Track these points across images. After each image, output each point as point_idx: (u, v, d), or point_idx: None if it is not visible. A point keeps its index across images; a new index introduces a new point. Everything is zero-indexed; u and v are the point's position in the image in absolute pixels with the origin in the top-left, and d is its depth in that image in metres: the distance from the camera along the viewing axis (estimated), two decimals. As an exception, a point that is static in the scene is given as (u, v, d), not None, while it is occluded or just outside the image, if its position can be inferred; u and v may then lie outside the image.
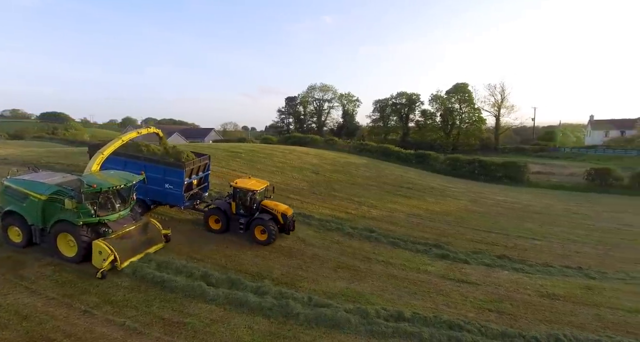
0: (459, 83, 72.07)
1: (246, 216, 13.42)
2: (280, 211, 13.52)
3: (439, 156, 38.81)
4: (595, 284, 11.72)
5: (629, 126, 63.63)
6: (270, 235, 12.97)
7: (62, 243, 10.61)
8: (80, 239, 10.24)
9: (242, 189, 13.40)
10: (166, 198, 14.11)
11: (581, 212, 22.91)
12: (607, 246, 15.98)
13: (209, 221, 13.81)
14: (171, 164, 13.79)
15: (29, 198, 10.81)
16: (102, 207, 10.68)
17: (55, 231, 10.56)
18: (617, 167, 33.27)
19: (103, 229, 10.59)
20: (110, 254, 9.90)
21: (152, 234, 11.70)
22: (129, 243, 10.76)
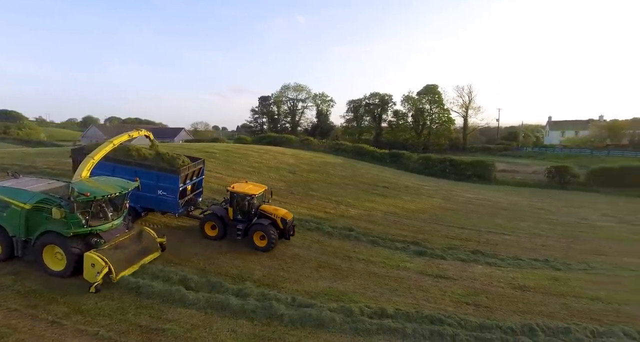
0: (429, 84, 74.45)
1: (244, 222, 12.90)
2: (280, 216, 13.06)
3: (412, 156, 39.87)
4: (561, 275, 12.45)
5: (582, 127, 68.29)
6: (270, 241, 12.49)
7: (49, 256, 9.71)
8: (70, 251, 9.42)
9: (239, 194, 12.89)
10: (160, 205, 13.32)
11: (544, 207, 24.28)
12: (568, 239, 17.03)
13: (205, 227, 13.19)
14: (165, 170, 12.97)
15: (11, 207, 9.85)
16: (94, 217, 9.90)
17: (41, 243, 9.66)
18: (574, 165, 35.59)
19: (95, 239, 9.81)
20: (104, 266, 9.16)
21: (147, 243, 10.98)
22: (124, 253, 10.03)
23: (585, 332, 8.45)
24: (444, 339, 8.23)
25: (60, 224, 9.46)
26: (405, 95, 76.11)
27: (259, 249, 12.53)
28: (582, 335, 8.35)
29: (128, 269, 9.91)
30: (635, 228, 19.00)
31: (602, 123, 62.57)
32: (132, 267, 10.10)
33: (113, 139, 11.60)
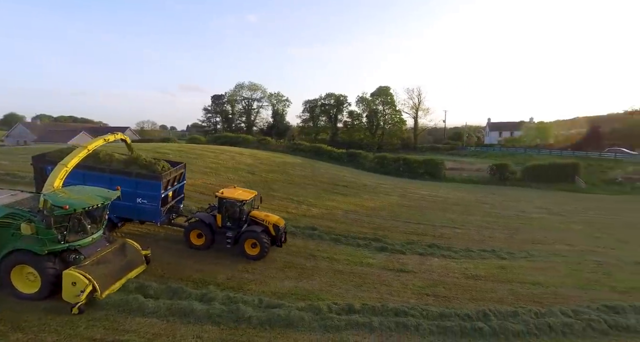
0: (382, 86, 77.24)
1: (234, 229, 12.28)
2: (272, 222, 12.58)
3: (369, 155, 41.10)
4: (507, 264, 13.59)
5: (517, 128, 75.20)
6: (263, 248, 12.01)
7: (18, 278, 8.54)
8: (46, 271, 8.34)
9: (229, 200, 12.22)
10: (139, 214, 12.28)
11: (488, 202, 26.34)
12: (510, 230, 18.64)
13: (191, 236, 12.40)
14: (145, 176, 11.92)
15: None
16: (72, 231, 8.88)
17: (9, 264, 8.46)
18: (511, 163, 39.06)
19: (73, 256, 8.82)
20: (87, 284, 8.25)
21: (131, 256, 10.08)
22: (107, 269, 9.11)
23: (530, 315, 9.31)
24: (408, 329, 8.59)
25: (32, 241, 8.41)
26: (360, 97, 78.20)
27: (251, 258, 12.00)
28: (527, 317, 9.19)
29: (113, 286, 9.05)
30: (563, 218, 21.33)
31: (532, 124, 69.36)
32: (118, 282, 9.24)
33: (86, 144, 10.31)
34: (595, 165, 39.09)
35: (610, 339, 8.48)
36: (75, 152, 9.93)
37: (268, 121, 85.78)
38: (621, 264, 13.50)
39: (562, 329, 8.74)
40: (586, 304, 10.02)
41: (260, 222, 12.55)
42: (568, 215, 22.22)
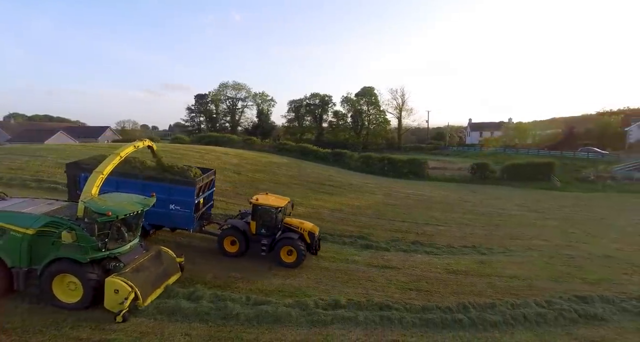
0: (366, 87, 78.06)
1: (268, 236, 12.22)
2: (307, 229, 12.50)
3: (354, 155, 41.58)
4: (486, 259, 14.16)
5: (497, 128, 77.34)
6: (300, 256, 11.91)
7: (59, 287, 8.43)
8: (88, 279, 8.27)
9: (264, 207, 12.16)
10: (172, 221, 12.16)
11: (470, 200, 27.14)
12: (490, 227, 19.34)
13: (224, 243, 12.33)
14: (179, 182, 11.83)
15: (9, 234, 8.43)
16: (111, 238, 8.82)
17: (51, 273, 8.32)
18: (491, 162, 40.24)
19: (113, 263, 8.76)
20: (130, 291, 8.17)
21: (167, 264, 10.01)
22: (146, 276, 9.02)
23: (506, 306, 9.78)
24: (392, 323, 8.90)
25: (73, 250, 8.33)
26: (344, 97, 78.78)
27: (286, 265, 11.93)
28: (504, 308, 9.65)
29: (154, 293, 8.99)
30: (540, 215, 22.24)
31: (511, 125, 71.50)
32: (157, 290, 9.17)
33: (119, 151, 10.09)
34: (569, 165, 40.75)
35: (579, 326, 9.02)
36: (109, 159, 9.80)
37: (253, 121, 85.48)
38: (592, 257, 14.26)
39: (536, 318, 9.25)
40: (559, 295, 10.58)
41: (295, 229, 12.49)
42: (545, 212, 23.18)
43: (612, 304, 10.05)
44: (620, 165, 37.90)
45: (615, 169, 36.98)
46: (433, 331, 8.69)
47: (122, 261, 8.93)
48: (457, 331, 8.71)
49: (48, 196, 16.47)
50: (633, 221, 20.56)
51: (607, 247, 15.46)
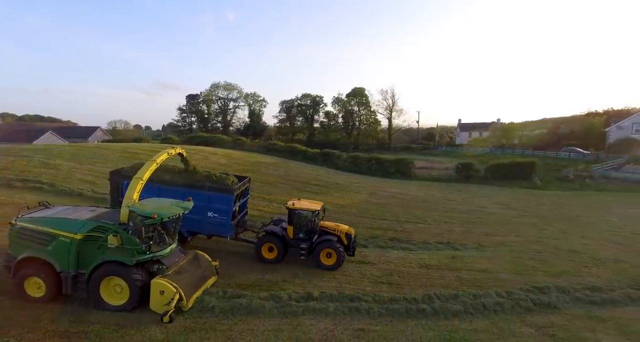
0: (357, 87, 78.73)
1: (306, 240, 12.54)
2: (344, 231, 12.81)
3: (342, 155, 42.18)
4: (458, 254, 14.79)
5: (485, 128, 78.62)
6: (340, 258, 12.20)
7: (106, 289, 8.84)
8: (134, 281, 8.65)
9: (301, 211, 12.52)
10: (210, 228, 12.45)
11: (453, 199, 27.87)
12: (468, 225, 20.02)
13: (262, 249, 12.58)
14: (218, 189, 12.14)
15: (58, 239, 8.78)
16: (154, 241, 9.23)
17: (99, 276, 8.72)
18: (476, 162, 41.14)
19: (156, 266, 9.12)
20: (175, 292, 8.50)
21: (204, 267, 10.41)
22: (187, 279, 9.36)
23: (469, 296, 10.40)
24: (360, 313, 9.45)
25: (119, 253, 8.70)
26: (335, 97, 79.42)
27: (326, 268, 12.21)
28: (466, 299, 10.27)
29: (194, 295, 9.31)
30: (517, 213, 23.02)
31: (499, 126, 72.81)
32: (197, 292, 9.48)
33: (155, 157, 10.47)
34: (551, 164, 41.84)
35: (533, 314, 9.65)
36: (147, 165, 10.18)
37: (245, 121, 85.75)
38: (558, 252, 14.98)
39: (494, 307, 9.86)
40: (519, 286, 11.22)
41: (331, 231, 12.81)
42: (522, 210, 23.97)
43: (567, 294, 10.70)
44: (599, 165, 39.07)
45: (594, 168, 38.13)
46: (398, 320, 9.25)
47: (165, 263, 9.31)
48: (420, 320, 9.28)
49: (32, 195, 16.87)
50: (604, 218, 21.43)
51: (575, 243, 16.21)
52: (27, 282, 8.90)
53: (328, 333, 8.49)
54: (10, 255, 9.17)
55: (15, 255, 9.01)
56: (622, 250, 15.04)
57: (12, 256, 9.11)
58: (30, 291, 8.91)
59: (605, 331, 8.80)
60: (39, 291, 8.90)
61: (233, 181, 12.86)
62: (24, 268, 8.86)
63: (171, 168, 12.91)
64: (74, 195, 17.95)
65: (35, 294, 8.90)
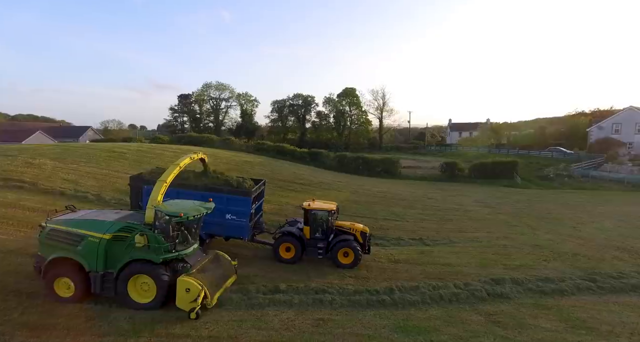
0: (348, 88, 79.17)
1: (323, 240, 12.92)
2: (359, 230, 13.19)
3: (330, 154, 42.72)
4: (428, 249, 15.38)
5: (475, 128, 79.79)
6: (357, 256, 12.58)
7: (133, 288, 9.21)
8: (161, 279, 9.03)
9: (318, 211, 12.91)
10: (228, 230, 12.83)
11: (434, 197, 28.49)
12: (443, 221, 20.64)
13: (280, 250, 12.94)
14: (236, 192, 12.58)
15: (87, 239, 9.17)
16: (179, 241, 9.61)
17: (127, 274, 9.09)
18: (462, 161, 41.92)
19: (181, 264, 9.50)
20: (201, 289, 8.85)
21: (225, 266, 10.83)
22: (210, 277, 9.74)
23: (428, 287, 11.00)
24: (323, 304, 10.01)
25: (147, 251, 9.07)
26: (327, 97, 79.90)
27: (344, 266, 12.58)
28: (425, 290, 10.86)
29: (217, 293, 9.70)
30: (493, 210, 23.69)
31: (487, 126, 73.98)
32: (220, 290, 9.86)
33: (178, 161, 10.80)
34: (534, 163, 42.80)
35: (485, 303, 10.26)
36: (170, 169, 10.46)
37: (237, 121, 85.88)
38: (522, 246, 15.65)
39: (450, 298, 10.49)
40: (478, 278, 11.85)
41: (347, 230, 13.19)
42: (498, 207, 24.67)
43: (520, 284, 11.34)
44: (579, 164, 40.09)
45: (574, 167, 39.12)
46: (357, 310, 9.81)
47: (189, 262, 9.68)
48: (378, 309, 9.87)
49: (13, 194, 17.19)
50: (574, 215, 22.19)
51: (540, 238, 16.90)
52: (56, 283, 9.26)
53: (289, 322, 9.02)
54: (40, 256, 9.51)
55: (46, 256, 9.31)
56: (582, 245, 15.74)
57: (42, 257, 9.45)
58: (59, 291, 9.28)
59: (547, 317, 9.44)
60: (68, 291, 9.27)
61: (250, 184, 13.38)
62: (54, 268, 9.21)
63: (190, 172, 13.33)
64: (55, 194, 18.29)
65: (65, 294, 9.27)
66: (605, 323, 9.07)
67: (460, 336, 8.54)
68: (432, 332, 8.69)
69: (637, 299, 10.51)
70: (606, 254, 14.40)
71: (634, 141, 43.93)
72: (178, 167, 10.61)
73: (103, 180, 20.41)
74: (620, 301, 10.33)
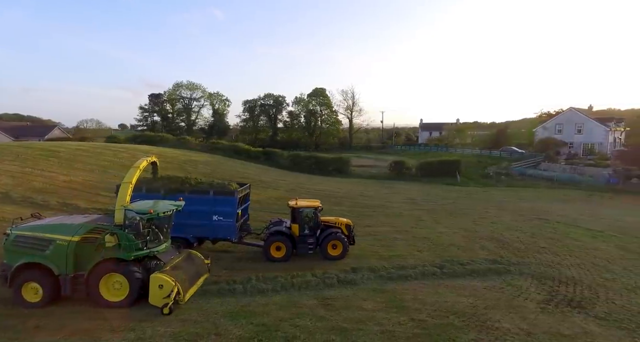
0: (318, 88, 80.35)
1: (312, 235, 13.53)
2: (344, 223, 13.98)
3: (284, 154, 43.42)
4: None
5: (442, 128, 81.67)
6: (345, 247, 13.44)
7: (105, 287, 9.41)
8: (134, 276, 9.28)
9: (305, 209, 13.51)
10: (215, 232, 13.11)
11: (368, 195, 29.39)
12: (361, 217, 21.39)
13: (271, 249, 13.35)
14: (222, 193, 12.98)
15: (55, 243, 9.28)
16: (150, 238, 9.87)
17: (98, 274, 9.26)
18: (411, 159, 43.15)
19: (154, 262, 9.81)
20: (174, 285, 9.10)
21: (198, 265, 11.12)
22: (183, 274, 9.95)
23: (286, 277, 11.60)
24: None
25: (118, 251, 9.32)
26: (297, 97, 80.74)
27: (333, 258, 13.33)
28: (284, 280, 11.43)
29: (190, 290, 9.99)
30: (415, 207, 24.64)
31: (452, 126, 75.93)
32: (193, 288, 10.15)
33: (137, 164, 11.10)
34: (484, 162, 44.42)
35: (330, 290, 10.88)
36: (131, 172, 10.69)
37: (209, 121, 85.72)
38: (412, 239, 16.52)
39: (301, 285, 11.18)
40: (341, 268, 12.61)
41: (332, 225, 13.93)
42: (423, 204, 25.73)
43: (375, 272, 12.16)
44: (519, 163, 41.85)
45: (513, 166, 40.82)
46: (208, 298, 10.32)
47: (162, 260, 10.02)
48: (225, 298, 10.43)
49: None
50: (485, 210, 23.28)
51: (434, 231, 17.82)
52: (25, 288, 9.34)
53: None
54: (6, 264, 9.47)
55: (11, 263, 9.34)
56: (465, 237, 16.73)
57: (7, 265, 9.42)
58: (27, 296, 9.37)
59: (375, 300, 10.21)
60: (36, 296, 9.37)
61: (235, 187, 13.94)
62: (22, 275, 9.28)
63: (173, 177, 14.19)
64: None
65: (33, 298, 9.36)
66: (419, 302, 9.90)
67: (282, 317, 9.18)
68: (260, 316, 9.24)
69: (465, 282, 11.43)
70: (476, 245, 15.42)
71: (574, 141, 46.06)
72: (138, 169, 10.94)
73: (20, 178, 20.49)
74: (451, 284, 11.23)
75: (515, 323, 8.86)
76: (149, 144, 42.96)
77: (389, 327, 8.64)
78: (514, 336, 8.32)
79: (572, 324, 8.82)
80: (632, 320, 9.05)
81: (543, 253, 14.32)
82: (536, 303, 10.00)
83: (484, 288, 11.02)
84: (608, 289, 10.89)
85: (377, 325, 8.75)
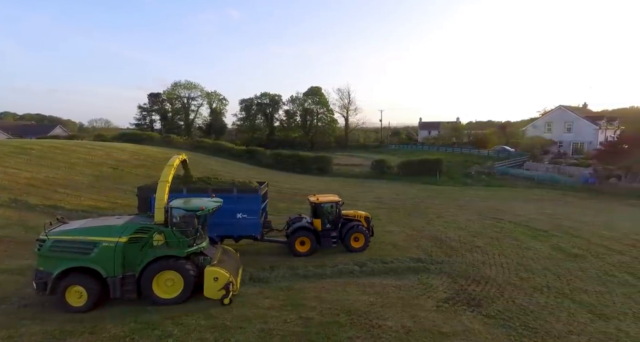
0: (314, 87, 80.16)
1: (334, 229, 13.85)
2: (363, 216, 14.40)
3: (266, 152, 43.41)
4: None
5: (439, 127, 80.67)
6: (367, 240, 13.84)
7: (157, 286, 9.49)
8: (188, 272, 9.47)
9: (327, 203, 13.79)
10: (240, 229, 13.34)
11: (343, 193, 29.05)
12: (319, 215, 21.37)
13: (296, 244, 13.62)
14: (245, 191, 13.33)
15: (100, 246, 9.22)
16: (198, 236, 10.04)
17: (152, 272, 9.34)
18: (401, 158, 42.61)
19: (202, 257, 10.00)
20: (229, 277, 9.41)
21: (234, 258, 11.49)
22: (229, 267, 10.22)
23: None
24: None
25: (169, 249, 9.48)
26: (293, 96, 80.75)
27: (356, 250, 13.76)
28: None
29: (238, 281, 10.30)
30: (379, 206, 24.20)
31: (449, 125, 74.95)
32: (238, 279, 10.43)
33: (170, 162, 11.18)
34: (470, 161, 43.69)
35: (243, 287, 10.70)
36: (166, 170, 10.77)
37: (207, 120, 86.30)
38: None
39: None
40: (262, 266, 12.55)
41: (352, 218, 14.27)
42: (389, 203, 25.38)
43: (292, 270, 12.08)
44: (504, 162, 41.01)
45: (497, 165, 40.02)
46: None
47: (208, 254, 10.19)
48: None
49: None
50: (445, 209, 22.80)
51: (384, 230, 17.26)
52: (68, 293, 9.17)
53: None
54: (43, 271, 9.22)
55: (50, 270, 9.13)
56: (410, 236, 16.40)
57: (45, 272, 9.18)
58: (72, 301, 9.19)
59: (278, 298, 9.96)
60: (79, 300, 9.18)
61: (255, 185, 14.35)
62: (64, 280, 9.10)
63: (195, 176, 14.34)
64: None
65: (77, 303, 9.17)
66: (318, 301, 9.74)
67: (172, 315, 8.82)
68: (149, 314, 9.05)
69: (378, 280, 11.24)
70: (413, 244, 15.16)
71: (563, 140, 44.91)
72: (172, 167, 11.01)
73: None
74: (362, 283, 11.07)
75: (401, 321, 8.70)
76: (134, 142, 43.42)
77: (272, 326, 8.51)
78: (391, 333, 8.17)
79: (457, 322, 8.63)
80: (520, 319, 8.81)
81: (474, 252, 14.03)
82: (435, 301, 9.81)
83: (393, 286, 10.86)
84: (516, 288, 10.62)
85: (262, 323, 8.63)
